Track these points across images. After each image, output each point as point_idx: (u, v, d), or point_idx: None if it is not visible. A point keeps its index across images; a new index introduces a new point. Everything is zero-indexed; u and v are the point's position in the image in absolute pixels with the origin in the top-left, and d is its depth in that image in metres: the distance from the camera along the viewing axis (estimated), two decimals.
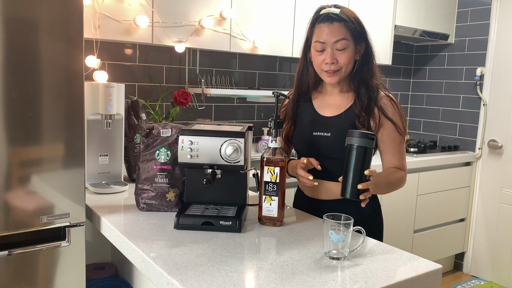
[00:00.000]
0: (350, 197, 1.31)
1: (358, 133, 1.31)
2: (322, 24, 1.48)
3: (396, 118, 1.51)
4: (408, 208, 3.11)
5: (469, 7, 3.50)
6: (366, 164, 1.31)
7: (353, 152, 1.31)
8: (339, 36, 1.46)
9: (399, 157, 1.54)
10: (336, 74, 1.49)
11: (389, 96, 1.54)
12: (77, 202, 1.42)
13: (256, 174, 1.49)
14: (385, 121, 1.51)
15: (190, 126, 1.50)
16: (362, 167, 1.30)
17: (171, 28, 2.26)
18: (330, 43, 1.46)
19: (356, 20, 1.49)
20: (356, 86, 1.53)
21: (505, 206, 3.34)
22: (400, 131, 1.51)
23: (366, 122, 1.50)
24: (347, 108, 1.54)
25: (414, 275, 1.09)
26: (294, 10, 2.68)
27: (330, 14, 1.47)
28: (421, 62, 3.84)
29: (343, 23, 1.46)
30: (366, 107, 1.51)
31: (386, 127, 1.52)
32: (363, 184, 1.29)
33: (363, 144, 1.30)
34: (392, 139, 1.52)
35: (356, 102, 1.52)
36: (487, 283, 3.40)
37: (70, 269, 1.44)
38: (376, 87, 1.53)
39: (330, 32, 1.46)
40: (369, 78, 1.53)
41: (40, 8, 1.27)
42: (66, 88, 1.35)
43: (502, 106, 3.34)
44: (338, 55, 1.47)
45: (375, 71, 1.55)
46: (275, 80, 3.12)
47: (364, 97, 1.52)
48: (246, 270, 1.08)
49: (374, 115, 1.51)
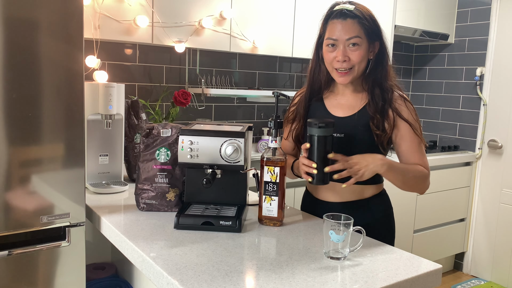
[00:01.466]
0: (317, 183, 1.36)
1: (317, 123, 1.34)
2: (335, 21, 1.43)
3: (411, 118, 1.46)
4: (408, 208, 3.11)
5: (469, 7, 3.50)
6: (328, 150, 1.35)
7: (315, 141, 1.35)
8: (352, 33, 1.40)
9: (420, 156, 1.47)
10: (348, 74, 1.44)
11: (403, 96, 1.49)
12: (77, 202, 1.41)
13: (256, 174, 1.49)
14: (400, 122, 1.46)
15: (190, 126, 1.50)
16: (325, 153, 1.35)
17: (171, 28, 2.26)
18: (342, 40, 1.41)
19: (371, 17, 1.44)
20: (370, 87, 1.48)
21: (505, 206, 3.34)
22: (416, 132, 1.46)
23: (381, 124, 1.45)
24: (360, 108, 1.49)
25: (414, 275, 1.09)
26: (294, 10, 2.68)
27: (344, 11, 1.42)
28: (421, 62, 3.84)
29: (357, 20, 1.41)
30: (380, 109, 1.46)
31: (401, 128, 1.46)
32: (330, 166, 1.32)
33: (323, 134, 1.34)
34: (409, 140, 1.47)
35: (370, 104, 1.47)
36: (487, 283, 3.40)
37: (70, 269, 1.44)
38: (390, 88, 1.48)
39: (343, 28, 1.41)
40: (383, 79, 1.48)
41: (40, 8, 1.27)
42: (66, 88, 1.35)
43: (502, 106, 3.34)
44: (350, 52, 1.42)
45: (390, 72, 1.50)
46: (275, 80, 3.12)
47: (379, 99, 1.46)
48: (246, 270, 1.08)
49: (389, 116, 1.46)
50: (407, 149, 1.48)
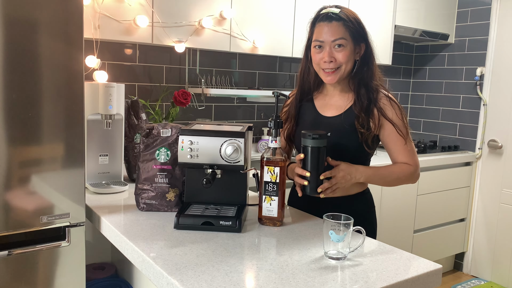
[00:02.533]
0: (310, 193, 1.42)
1: (311, 134, 1.39)
2: (322, 23, 1.50)
3: (395, 119, 1.51)
4: (408, 208, 3.11)
5: (469, 7, 3.50)
6: (321, 161, 1.41)
7: (308, 152, 1.40)
8: (337, 35, 1.47)
9: (407, 155, 1.53)
10: (335, 73, 1.50)
11: (389, 96, 1.54)
12: (77, 202, 1.42)
13: (256, 174, 1.49)
14: (385, 122, 1.52)
15: (190, 126, 1.50)
16: (318, 164, 1.40)
17: (171, 28, 2.26)
18: (328, 42, 1.48)
19: (356, 20, 1.50)
20: (356, 87, 1.54)
21: (505, 206, 3.34)
22: (400, 132, 1.51)
23: (366, 123, 1.51)
24: (346, 108, 1.55)
25: (414, 275, 1.09)
26: (294, 10, 2.68)
27: (329, 14, 1.48)
28: (421, 62, 3.84)
29: (342, 22, 1.47)
30: (365, 108, 1.51)
31: (387, 128, 1.52)
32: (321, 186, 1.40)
33: (316, 145, 1.39)
34: (394, 140, 1.53)
35: (355, 103, 1.53)
36: (487, 283, 3.40)
37: (70, 269, 1.44)
38: (376, 88, 1.54)
39: (329, 31, 1.47)
40: (369, 79, 1.53)
41: (40, 8, 1.27)
42: (66, 88, 1.35)
43: (502, 106, 3.34)
44: (335, 53, 1.48)
45: (375, 72, 1.55)
46: (275, 80, 3.12)
47: (364, 98, 1.52)
48: (246, 270, 1.08)
49: (374, 116, 1.51)
50: (393, 148, 1.55)
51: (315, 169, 1.40)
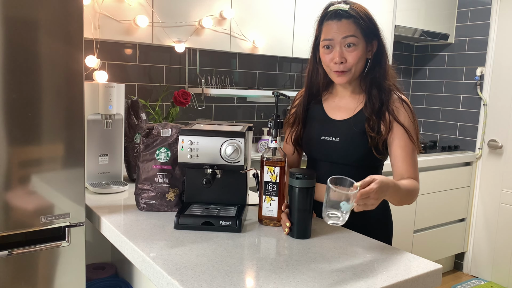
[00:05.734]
0: (297, 237, 1.31)
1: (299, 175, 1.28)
2: (330, 22, 1.40)
3: (408, 123, 1.42)
4: (408, 208, 3.11)
5: (469, 7, 3.50)
6: (309, 202, 1.31)
7: (296, 193, 1.30)
8: (348, 33, 1.37)
9: (412, 165, 1.41)
10: (346, 73, 1.42)
11: (402, 98, 1.45)
12: (77, 202, 1.41)
13: (256, 174, 1.49)
14: (396, 125, 1.42)
15: (190, 126, 1.50)
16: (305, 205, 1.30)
17: (171, 28, 2.26)
18: (338, 41, 1.38)
19: (367, 16, 1.41)
20: (368, 87, 1.45)
21: (505, 206, 3.34)
22: (411, 138, 1.41)
23: (376, 126, 1.42)
24: (357, 111, 1.46)
25: (414, 275, 1.09)
26: (294, 10, 2.68)
27: (338, 11, 1.39)
28: (421, 62, 3.84)
29: (353, 19, 1.37)
30: (377, 110, 1.42)
31: (397, 132, 1.41)
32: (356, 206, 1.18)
33: (305, 186, 1.29)
34: (403, 145, 1.41)
35: (366, 105, 1.44)
36: (487, 283, 3.40)
37: (70, 269, 1.44)
38: (388, 89, 1.45)
39: (339, 29, 1.38)
40: (382, 78, 1.44)
41: (40, 8, 1.27)
42: (66, 88, 1.35)
43: (502, 106, 3.34)
44: (347, 53, 1.39)
45: (388, 71, 1.46)
46: (275, 80, 3.12)
47: (376, 99, 1.43)
48: (246, 270, 1.08)
49: (385, 118, 1.42)
50: (399, 154, 1.42)
51: (301, 211, 1.30)
